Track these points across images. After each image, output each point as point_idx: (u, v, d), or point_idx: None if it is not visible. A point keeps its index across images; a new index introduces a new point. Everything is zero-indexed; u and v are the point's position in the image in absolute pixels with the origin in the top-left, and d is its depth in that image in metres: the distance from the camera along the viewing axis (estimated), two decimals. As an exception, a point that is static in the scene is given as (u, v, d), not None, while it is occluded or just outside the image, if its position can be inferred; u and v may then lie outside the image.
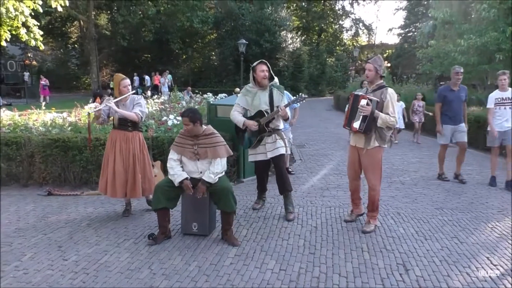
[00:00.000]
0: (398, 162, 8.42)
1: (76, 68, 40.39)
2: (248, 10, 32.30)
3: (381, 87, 4.55)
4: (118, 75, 5.09)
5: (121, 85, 4.95)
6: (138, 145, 5.04)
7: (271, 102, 5.05)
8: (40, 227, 4.80)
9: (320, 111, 21.79)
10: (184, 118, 4.27)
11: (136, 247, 4.21)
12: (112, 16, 33.59)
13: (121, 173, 4.92)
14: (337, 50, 46.25)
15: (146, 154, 5.17)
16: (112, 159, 4.95)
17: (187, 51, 36.76)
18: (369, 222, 4.74)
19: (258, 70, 5.02)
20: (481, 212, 5.38)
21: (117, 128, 5.00)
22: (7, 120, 7.89)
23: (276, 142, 5.08)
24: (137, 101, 5.02)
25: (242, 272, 3.68)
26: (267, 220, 5.04)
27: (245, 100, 5.19)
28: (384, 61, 31.04)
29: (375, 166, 4.64)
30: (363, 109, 4.38)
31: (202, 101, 13.09)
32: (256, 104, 5.10)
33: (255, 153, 5.21)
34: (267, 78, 5.02)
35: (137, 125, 5.05)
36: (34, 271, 3.69)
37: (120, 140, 4.96)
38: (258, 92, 5.11)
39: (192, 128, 4.27)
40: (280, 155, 5.10)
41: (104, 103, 4.90)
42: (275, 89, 5.11)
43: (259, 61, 5.13)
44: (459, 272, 3.69)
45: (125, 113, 4.86)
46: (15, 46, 30.77)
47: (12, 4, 8.92)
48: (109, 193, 4.99)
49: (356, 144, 4.71)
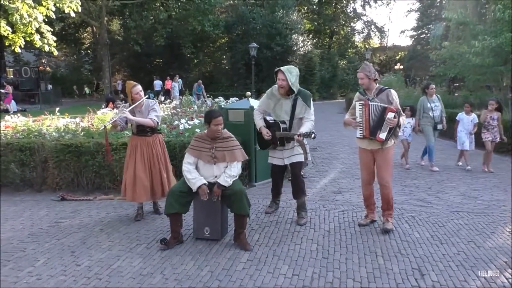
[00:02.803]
0: (411, 165, 8.31)
1: (89, 74, 40.81)
2: (259, 14, 32.32)
3: (382, 90, 4.66)
4: (129, 83, 5.14)
5: (133, 93, 5.01)
6: (159, 147, 5.19)
7: (293, 113, 4.93)
8: (54, 232, 4.82)
9: (331, 114, 21.68)
10: (218, 119, 4.23)
11: (149, 252, 4.20)
12: (124, 21, 33.92)
13: (141, 178, 4.99)
14: (348, 52, 46.04)
15: (167, 154, 5.33)
16: (132, 164, 5.03)
17: (198, 55, 36.95)
18: (388, 221, 4.78)
19: (277, 77, 4.89)
20: (498, 215, 5.27)
21: (137, 134, 5.10)
22: (21, 126, 7.97)
23: (294, 148, 5.02)
24: (151, 107, 5.08)
25: (254, 277, 3.64)
26: (279, 224, 5.00)
27: (267, 103, 5.11)
28: (397, 63, 30.87)
29: (388, 163, 4.75)
30: (391, 122, 4.45)
31: (214, 105, 13.11)
32: (277, 112, 5.01)
33: (273, 156, 5.20)
34: (283, 88, 4.85)
35: (155, 128, 5.16)
36: (47, 277, 3.70)
37: (141, 145, 5.06)
38: (281, 100, 4.98)
39: (223, 128, 4.31)
40: (297, 163, 5.05)
41: (119, 112, 4.99)
42: (300, 99, 4.92)
43: (278, 69, 4.92)
44: (476, 277, 3.61)
45: (141, 120, 4.95)
46: (29, 53, 31.23)
47: (26, 11, 9.03)
48: (129, 197, 5.07)
49: (371, 147, 4.72)
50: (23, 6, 8.99)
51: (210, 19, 28.63)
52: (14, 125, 8.09)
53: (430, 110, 7.99)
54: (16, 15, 8.88)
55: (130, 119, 4.90)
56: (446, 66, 17.68)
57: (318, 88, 35.59)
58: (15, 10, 8.81)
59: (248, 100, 7.07)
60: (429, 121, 7.99)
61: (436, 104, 8.05)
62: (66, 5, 9.87)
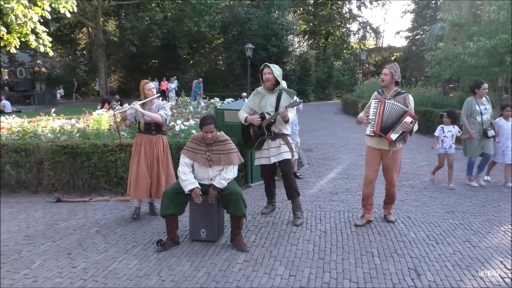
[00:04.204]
0: (407, 165, 8.34)
1: (85, 75, 40.66)
2: (255, 15, 32.32)
3: (400, 93, 4.75)
4: (143, 81, 5.41)
5: (146, 89, 5.20)
6: (162, 148, 5.29)
7: (277, 106, 5.04)
8: (49, 234, 4.80)
9: (327, 114, 21.71)
10: (209, 126, 4.22)
11: (145, 254, 4.20)
12: (120, 22, 33.81)
13: (144, 176, 5.12)
14: (344, 53, 46.08)
15: (169, 157, 5.41)
16: (136, 161, 5.17)
17: (194, 56, 36.93)
18: (390, 213, 5.06)
19: (263, 73, 5.08)
20: (493, 215, 5.30)
21: (143, 132, 5.24)
22: (16, 127, 7.93)
23: (281, 147, 5.05)
24: (162, 106, 5.30)
25: (251, 278, 3.64)
26: (275, 225, 5.00)
27: (253, 100, 5.26)
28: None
29: (397, 165, 4.94)
30: (407, 126, 4.53)
31: (209, 106, 13.09)
32: (262, 106, 5.13)
33: (260, 157, 5.23)
34: (270, 81, 5.02)
35: (160, 129, 5.30)
36: (43, 279, 3.68)
37: (145, 143, 5.19)
38: (266, 95, 5.14)
39: (215, 135, 4.27)
40: (285, 160, 5.06)
41: (131, 105, 5.13)
42: (284, 93, 5.09)
43: (264, 64, 5.16)
44: (472, 277, 3.63)
45: (150, 114, 5.12)
46: (24, 53, 31.06)
47: (21, 11, 8.99)
48: (132, 194, 5.20)
49: (380, 147, 4.81)
50: (18, 6, 8.94)
51: (206, 20, 28.59)
52: (9, 126, 8.06)
53: (478, 114, 6.64)
54: (11, 16, 8.83)
55: (140, 111, 5.06)
56: (442, 67, 17.76)
57: (314, 89, 35.59)
58: (10, 10, 8.76)
59: (244, 100, 7.07)
60: (476, 128, 6.65)
61: (486, 106, 6.71)
62: (62, 6, 9.83)
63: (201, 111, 11.14)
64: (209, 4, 27.95)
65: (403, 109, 4.59)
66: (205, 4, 27.39)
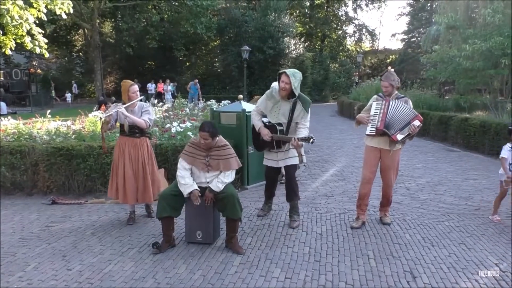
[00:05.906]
0: (403, 167, 8.35)
1: (81, 76, 40.59)
2: (251, 17, 32.40)
3: (400, 97, 4.83)
4: (126, 81, 5.11)
5: (130, 91, 4.96)
6: (146, 151, 5.14)
7: (291, 116, 4.89)
8: (44, 237, 4.78)
9: (324, 117, 21.74)
10: (204, 133, 4.17)
11: (140, 256, 4.18)
12: (116, 24, 33.78)
13: (131, 179, 5.01)
14: (340, 55, 46.24)
15: (154, 159, 5.28)
16: (122, 165, 5.01)
17: (191, 58, 36.90)
18: (386, 215, 5.11)
19: (281, 80, 4.83)
20: (488, 217, 5.32)
21: (126, 135, 5.05)
22: (11, 129, 7.90)
23: (289, 151, 5.00)
24: (145, 109, 5.09)
25: (247, 281, 3.64)
26: (271, 227, 5.00)
27: (265, 104, 5.02)
28: (388, 66, 30.90)
29: (396, 165, 4.96)
30: (414, 129, 4.60)
31: (206, 108, 13.07)
32: (274, 113, 4.94)
33: (268, 158, 5.19)
34: (286, 90, 4.78)
35: (144, 131, 5.13)
36: (38, 281, 3.66)
37: (129, 146, 5.04)
38: (280, 102, 4.92)
39: (210, 142, 4.24)
40: (292, 165, 5.05)
41: (113, 108, 4.96)
42: (300, 104, 4.87)
43: (283, 71, 4.86)
44: (467, 279, 3.64)
45: (135, 119, 4.92)
46: (20, 55, 30.99)
47: (17, 12, 8.95)
48: (121, 199, 5.08)
49: (380, 146, 4.83)
50: (14, 7, 8.91)
51: (203, 22, 28.60)
52: (5, 128, 8.02)
53: None
54: (6, 17, 8.80)
55: (126, 115, 4.87)
56: (437, 69, 17.86)
57: (310, 91, 35.64)
58: (5, 11, 8.73)
59: (240, 103, 7.06)
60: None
61: None
62: (58, 7, 9.80)
63: (198, 113, 11.11)
64: (205, 6, 27.96)
65: (414, 112, 4.67)
66: (201, 6, 27.40)
